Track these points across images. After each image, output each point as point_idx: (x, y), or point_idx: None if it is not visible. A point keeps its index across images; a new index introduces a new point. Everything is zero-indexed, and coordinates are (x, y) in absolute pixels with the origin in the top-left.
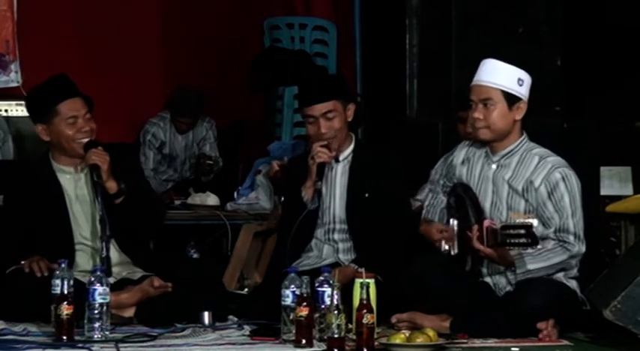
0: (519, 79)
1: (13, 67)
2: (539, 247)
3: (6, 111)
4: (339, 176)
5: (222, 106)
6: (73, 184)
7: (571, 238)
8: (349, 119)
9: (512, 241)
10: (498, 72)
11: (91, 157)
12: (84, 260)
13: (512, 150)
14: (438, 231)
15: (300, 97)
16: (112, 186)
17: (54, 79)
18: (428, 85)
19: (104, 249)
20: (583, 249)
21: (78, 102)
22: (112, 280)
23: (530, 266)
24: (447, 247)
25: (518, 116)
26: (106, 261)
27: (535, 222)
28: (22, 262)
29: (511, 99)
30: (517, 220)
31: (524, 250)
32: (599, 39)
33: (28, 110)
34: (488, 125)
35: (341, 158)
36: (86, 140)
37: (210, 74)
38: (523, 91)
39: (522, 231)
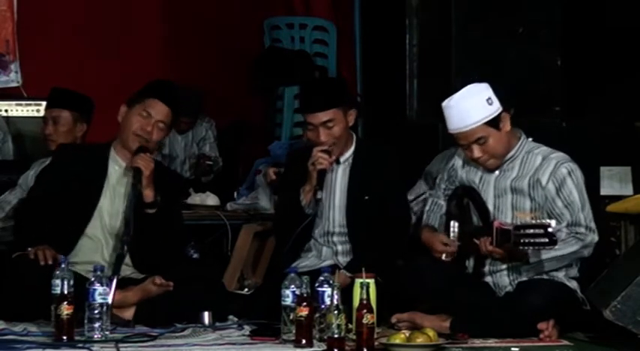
0: (488, 99)
1: (13, 67)
2: (556, 247)
3: (6, 111)
4: (340, 178)
5: (222, 106)
6: (118, 178)
7: (582, 229)
8: (350, 124)
9: (528, 240)
10: (470, 111)
11: (136, 160)
12: (91, 251)
13: (513, 155)
14: (441, 243)
15: (301, 101)
16: (148, 194)
17: (172, 84)
18: (428, 85)
19: (123, 248)
20: (596, 238)
21: (166, 110)
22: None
23: (544, 255)
24: (444, 258)
25: (508, 127)
26: (120, 259)
27: (553, 222)
28: (29, 249)
29: (494, 122)
30: (532, 221)
31: (542, 249)
32: (598, 39)
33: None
34: (492, 155)
35: (342, 160)
36: (140, 139)
37: (210, 74)
38: (497, 105)
39: (540, 231)
